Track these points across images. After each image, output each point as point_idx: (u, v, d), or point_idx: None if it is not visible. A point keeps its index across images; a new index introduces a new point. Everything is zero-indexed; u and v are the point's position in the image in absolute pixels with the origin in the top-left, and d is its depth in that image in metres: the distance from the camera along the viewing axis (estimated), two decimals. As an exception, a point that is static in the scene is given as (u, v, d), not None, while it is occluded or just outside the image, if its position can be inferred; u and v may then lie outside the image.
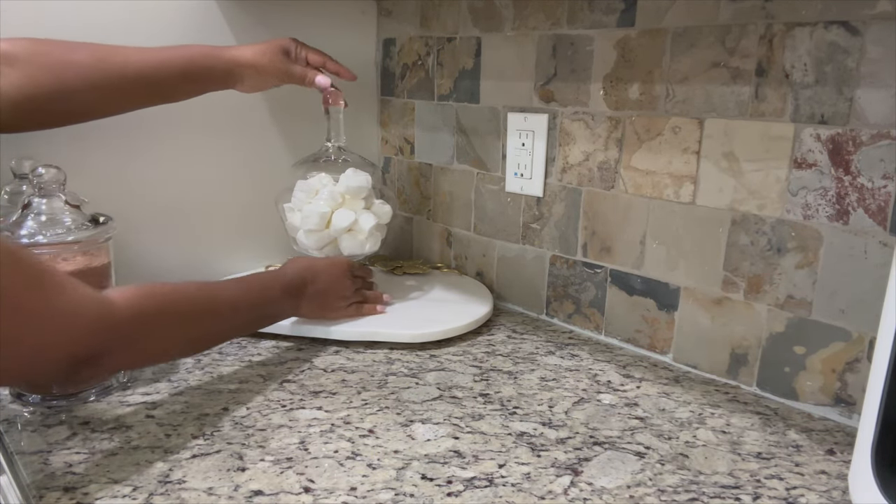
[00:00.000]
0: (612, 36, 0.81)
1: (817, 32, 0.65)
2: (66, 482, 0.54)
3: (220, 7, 0.95)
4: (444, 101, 1.04)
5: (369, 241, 0.90)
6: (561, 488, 0.55)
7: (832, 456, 0.61)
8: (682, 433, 0.65)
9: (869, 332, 0.65)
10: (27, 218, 0.69)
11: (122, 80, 0.75)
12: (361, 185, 0.88)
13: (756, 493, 0.55)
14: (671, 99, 0.76)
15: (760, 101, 0.69)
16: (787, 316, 0.70)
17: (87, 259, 0.71)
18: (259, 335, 0.84)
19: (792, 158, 0.68)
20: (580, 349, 0.85)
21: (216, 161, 0.99)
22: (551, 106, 0.89)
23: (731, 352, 0.75)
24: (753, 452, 0.62)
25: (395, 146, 1.15)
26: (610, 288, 0.87)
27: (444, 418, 0.66)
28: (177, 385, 0.72)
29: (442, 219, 1.09)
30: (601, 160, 0.84)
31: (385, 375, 0.75)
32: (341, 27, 1.09)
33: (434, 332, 0.84)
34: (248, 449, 0.60)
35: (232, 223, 1.02)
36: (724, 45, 0.71)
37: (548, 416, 0.67)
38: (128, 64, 0.75)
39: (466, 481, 0.56)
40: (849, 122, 0.64)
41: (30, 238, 0.68)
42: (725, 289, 0.75)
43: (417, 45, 1.07)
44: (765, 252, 0.71)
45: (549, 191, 0.91)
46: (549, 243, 0.93)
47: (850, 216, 0.65)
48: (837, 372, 0.67)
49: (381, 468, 0.57)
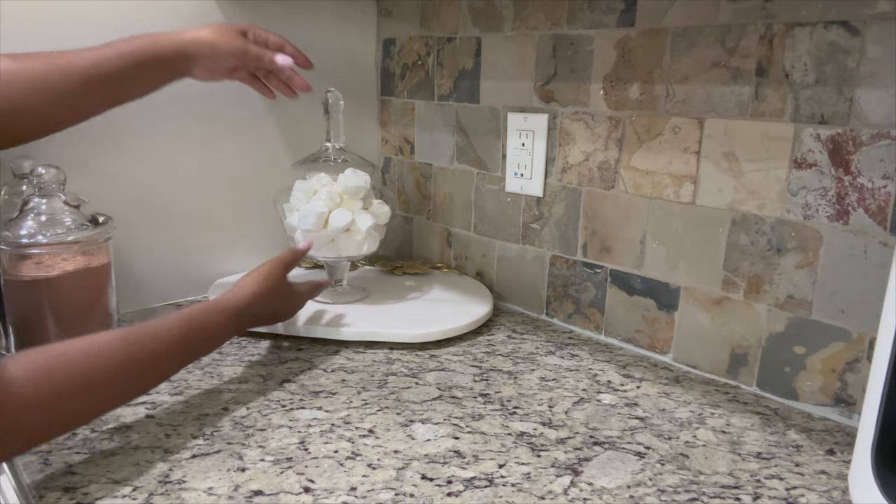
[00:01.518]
0: (612, 36, 0.81)
1: (817, 32, 0.65)
2: (66, 482, 0.54)
3: (220, 7, 0.95)
4: (444, 101, 1.04)
5: (367, 241, 0.90)
6: (561, 488, 0.55)
7: (832, 456, 0.61)
8: (682, 433, 0.65)
9: (869, 332, 0.65)
10: (27, 218, 0.69)
11: (67, 84, 0.68)
12: (360, 186, 0.88)
13: (756, 493, 0.55)
14: (671, 99, 0.76)
15: (760, 101, 0.69)
16: (787, 316, 0.70)
17: (86, 259, 0.71)
18: (259, 335, 0.84)
19: (792, 158, 0.68)
20: (580, 349, 0.85)
21: (216, 161, 0.99)
22: (551, 106, 0.89)
23: (731, 352, 0.75)
24: (753, 452, 0.62)
25: (395, 146, 1.15)
26: (610, 288, 0.87)
27: (444, 418, 0.66)
28: (176, 385, 0.72)
29: (442, 219, 1.09)
30: (601, 160, 0.84)
31: (385, 375, 0.75)
32: (341, 27, 1.09)
33: (434, 332, 0.84)
34: (248, 449, 0.60)
35: (231, 223, 1.02)
36: (724, 45, 0.71)
37: (548, 416, 0.67)
38: (72, 66, 0.68)
39: (466, 481, 0.56)
40: (849, 122, 0.64)
41: (30, 238, 0.68)
42: (725, 289, 0.75)
43: (417, 45, 1.07)
44: (765, 252, 0.71)
45: (549, 191, 0.91)
46: (549, 243, 0.93)
47: (850, 216, 0.65)
48: (837, 372, 0.67)
49: (381, 468, 0.57)
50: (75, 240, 0.70)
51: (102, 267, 0.73)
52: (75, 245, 0.70)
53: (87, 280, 0.72)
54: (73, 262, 0.70)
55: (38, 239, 0.68)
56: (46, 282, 0.69)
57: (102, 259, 0.73)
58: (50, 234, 0.68)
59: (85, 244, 0.70)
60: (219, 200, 1.01)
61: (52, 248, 0.68)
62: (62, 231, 0.69)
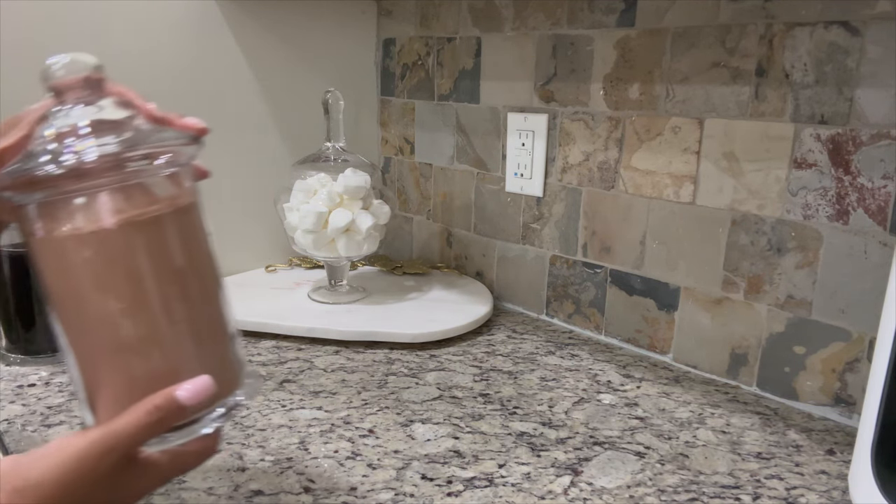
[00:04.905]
0: (612, 36, 0.81)
1: (817, 32, 0.65)
2: (65, 482, 0.54)
3: (219, 7, 0.95)
4: (444, 101, 1.04)
5: (367, 241, 0.90)
6: (561, 488, 0.55)
7: (832, 456, 0.61)
8: (682, 433, 0.65)
9: (869, 332, 0.65)
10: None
11: None
12: (360, 185, 0.88)
13: (756, 493, 0.55)
14: (671, 99, 0.76)
15: (760, 101, 0.69)
16: (787, 316, 0.70)
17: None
18: (259, 335, 0.84)
19: (792, 158, 0.68)
20: (580, 349, 0.85)
21: (215, 161, 0.98)
22: (551, 106, 0.89)
23: (731, 352, 0.75)
24: (753, 452, 0.62)
25: (395, 146, 1.15)
26: (610, 288, 0.87)
27: (444, 418, 0.66)
28: (177, 385, 0.72)
29: (442, 219, 1.09)
30: (601, 160, 0.84)
31: (385, 375, 0.75)
32: (341, 27, 1.09)
33: (434, 332, 0.84)
34: (248, 449, 0.60)
35: (231, 223, 1.02)
36: (724, 45, 0.71)
37: (548, 416, 0.67)
38: None
39: (466, 481, 0.56)
40: (849, 122, 0.64)
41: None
42: (725, 289, 0.75)
43: (417, 45, 1.07)
44: (765, 252, 0.71)
45: (549, 191, 0.91)
46: (549, 243, 0.93)
47: (850, 216, 0.65)
48: (837, 372, 0.67)
49: (381, 468, 0.57)
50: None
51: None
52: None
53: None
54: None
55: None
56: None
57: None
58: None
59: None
60: (218, 200, 1.00)
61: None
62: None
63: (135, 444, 0.39)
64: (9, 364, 0.76)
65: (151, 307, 0.40)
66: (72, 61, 0.41)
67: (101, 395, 0.41)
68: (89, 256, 0.39)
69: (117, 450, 0.38)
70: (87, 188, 0.38)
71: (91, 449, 0.37)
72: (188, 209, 0.44)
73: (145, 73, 0.86)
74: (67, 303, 0.40)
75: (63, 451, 0.37)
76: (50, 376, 0.73)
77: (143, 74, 0.77)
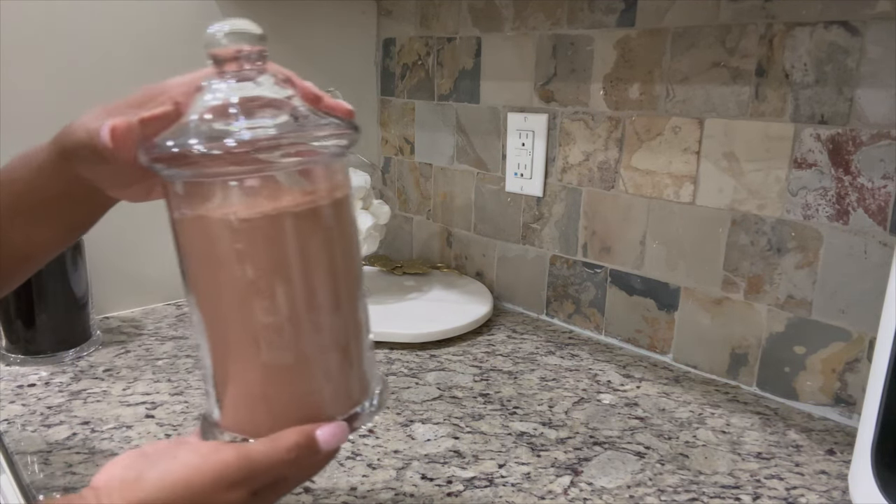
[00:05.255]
0: (612, 36, 0.81)
1: (817, 32, 0.65)
2: (66, 482, 0.54)
3: (220, 7, 0.95)
4: (444, 101, 1.04)
5: (367, 241, 0.90)
6: (561, 488, 0.55)
7: (832, 456, 0.61)
8: (682, 433, 0.65)
9: (869, 332, 0.65)
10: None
11: None
12: (359, 186, 0.88)
13: (756, 493, 0.55)
14: (671, 99, 0.76)
15: (760, 101, 0.69)
16: (787, 316, 0.70)
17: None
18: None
19: (792, 158, 0.68)
20: (580, 349, 0.85)
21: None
22: (551, 106, 0.89)
23: (731, 352, 0.75)
24: (753, 452, 0.62)
25: (395, 146, 1.15)
26: (610, 288, 0.87)
27: (444, 418, 0.66)
28: (177, 385, 0.72)
29: (442, 219, 1.09)
30: (601, 160, 0.84)
31: (385, 375, 0.75)
32: (341, 27, 1.09)
33: (434, 332, 0.84)
34: (248, 449, 0.60)
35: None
36: (724, 45, 0.71)
37: (548, 416, 0.67)
38: None
39: (466, 481, 0.56)
40: (849, 122, 0.64)
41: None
42: (725, 289, 0.75)
43: (417, 45, 1.07)
44: (765, 252, 0.71)
45: (549, 191, 0.91)
46: (549, 243, 0.93)
47: (850, 216, 0.65)
48: (837, 372, 0.67)
49: (381, 468, 0.57)
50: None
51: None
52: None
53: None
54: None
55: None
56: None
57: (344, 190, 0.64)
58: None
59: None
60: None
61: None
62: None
63: (269, 479, 0.36)
64: (9, 364, 0.76)
65: (296, 303, 0.36)
66: (235, 30, 0.37)
67: (231, 392, 0.38)
68: (237, 243, 0.35)
69: (252, 480, 0.36)
70: (239, 172, 0.35)
71: (225, 472, 0.35)
72: (342, 202, 0.39)
73: (145, 72, 0.86)
74: (208, 289, 0.37)
75: (191, 468, 0.35)
76: (50, 376, 0.73)
77: (143, 74, 0.77)
